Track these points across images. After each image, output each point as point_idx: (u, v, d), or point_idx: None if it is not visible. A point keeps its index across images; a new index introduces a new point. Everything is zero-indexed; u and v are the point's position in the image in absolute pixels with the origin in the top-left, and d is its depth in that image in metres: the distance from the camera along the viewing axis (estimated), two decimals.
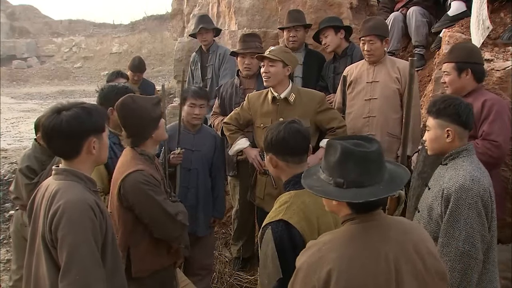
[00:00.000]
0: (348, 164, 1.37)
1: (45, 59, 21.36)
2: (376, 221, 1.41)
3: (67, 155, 1.73)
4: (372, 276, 1.33)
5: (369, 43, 3.13)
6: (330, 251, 1.38)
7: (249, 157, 3.07)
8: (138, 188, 2.13)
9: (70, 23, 23.96)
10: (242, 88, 3.56)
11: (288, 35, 3.86)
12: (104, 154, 1.80)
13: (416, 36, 4.05)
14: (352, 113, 3.22)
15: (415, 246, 1.40)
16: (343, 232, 1.43)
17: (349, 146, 1.38)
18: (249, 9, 5.11)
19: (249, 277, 3.56)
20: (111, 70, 4.61)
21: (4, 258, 4.18)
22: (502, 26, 3.44)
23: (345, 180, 1.37)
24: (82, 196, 1.65)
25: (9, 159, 7.46)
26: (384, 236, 1.39)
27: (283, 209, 1.74)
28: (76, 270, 1.56)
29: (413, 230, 1.47)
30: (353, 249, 1.37)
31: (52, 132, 1.67)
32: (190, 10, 7.18)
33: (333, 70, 3.71)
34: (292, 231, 1.68)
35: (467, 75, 2.58)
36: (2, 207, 5.37)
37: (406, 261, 1.37)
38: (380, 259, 1.35)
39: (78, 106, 1.72)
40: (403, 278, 1.35)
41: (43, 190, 1.75)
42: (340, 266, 1.34)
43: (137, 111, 2.20)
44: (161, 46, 20.23)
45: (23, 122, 11.15)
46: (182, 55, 6.32)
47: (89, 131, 1.70)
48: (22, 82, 19.00)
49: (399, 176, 1.43)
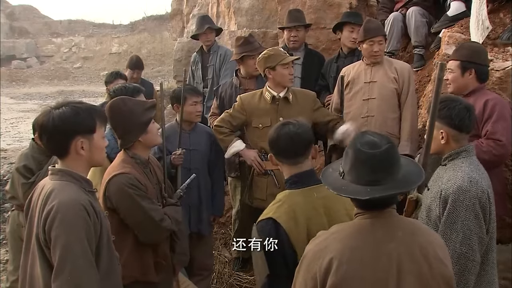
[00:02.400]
0: (356, 161, 1.42)
1: (44, 59, 21.36)
2: (385, 218, 1.44)
3: (57, 153, 1.74)
4: (371, 270, 1.36)
5: (379, 44, 3.13)
6: (335, 241, 1.43)
7: (247, 159, 3.01)
8: (122, 191, 2.12)
9: (70, 23, 23.97)
10: (242, 88, 3.54)
11: (289, 34, 3.85)
12: (98, 155, 1.77)
13: (415, 36, 4.05)
14: (350, 113, 3.21)
15: (422, 249, 1.40)
16: (351, 224, 1.48)
17: (359, 144, 1.42)
18: (248, 9, 5.11)
19: (248, 277, 3.56)
20: (111, 71, 4.59)
21: (4, 258, 4.18)
22: (502, 26, 3.44)
23: (344, 171, 1.44)
24: (76, 196, 1.64)
25: (9, 159, 7.46)
26: (390, 234, 1.41)
27: (274, 207, 1.79)
28: (68, 271, 1.55)
29: (423, 233, 1.47)
30: (357, 241, 1.40)
31: (41, 130, 1.69)
32: (190, 10, 7.19)
33: (336, 69, 3.67)
34: (279, 229, 1.72)
35: (471, 74, 2.57)
36: (2, 207, 5.37)
37: (411, 262, 1.37)
38: (381, 255, 1.37)
39: (68, 105, 1.70)
40: (405, 278, 1.36)
41: (39, 190, 1.75)
42: (342, 256, 1.37)
43: (124, 113, 2.19)
44: (160, 46, 20.25)
45: (23, 123, 11.15)
46: (182, 55, 6.32)
47: (75, 131, 1.67)
48: (22, 82, 19.00)
49: (411, 178, 1.44)
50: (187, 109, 3.04)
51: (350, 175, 1.42)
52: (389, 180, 1.39)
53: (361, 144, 1.41)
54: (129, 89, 2.72)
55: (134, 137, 2.21)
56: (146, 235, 2.20)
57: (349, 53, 3.69)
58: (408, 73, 3.16)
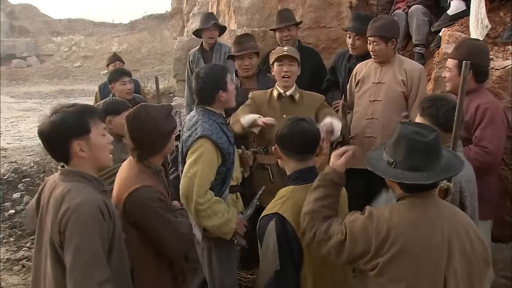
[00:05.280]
0: (400, 147, 1.53)
1: (44, 58, 21.33)
2: (432, 199, 1.56)
3: (60, 159, 1.75)
4: (428, 245, 1.46)
5: (373, 44, 3.10)
6: (390, 214, 1.52)
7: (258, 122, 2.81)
8: (147, 206, 1.98)
9: (70, 22, 23.93)
10: (243, 88, 3.53)
11: (281, 35, 3.85)
12: (101, 154, 1.75)
13: (417, 35, 4.05)
14: (358, 113, 3.21)
15: (465, 228, 1.53)
16: (402, 204, 1.57)
17: (406, 131, 1.54)
18: (248, 8, 5.10)
19: (249, 276, 3.56)
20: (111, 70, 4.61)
21: (4, 258, 4.18)
22: (502, 25, 3.44)
23: (395, 161, 1.54)
24: (91, 197, 1.65)
25: (9, 158, 7.46)
26: (439, 213, 1.53)
27: (280, 203, 1.81)
28: (81, 270, 1.56)
29: (462, 215, 1.62)
30: (414, 217, 1.51)
31: (40, 139, 1.71)
32: (190, 9, 7.18)
33: (348, 71, 3.58)
34: (286, 225, 1.74)
35: (468, 75, 2.56)
36: (2, 207, 5.37)
37: (457, 239, 1.49)
38: (436, 231, 1.48)
39: (59, 111, 1.69)
40: (454, 254, 1.47)
41: (49, 190, 1.75)
42: (401, 229, 1.48)
43: (148, 125, 2.04)
44: (160, 45, 20.22)
45: (23, 122, 11.14)
46: (182, 54, 6.31)
47: (68, 136, 1.66)
48: (22, 81, 18.98)
49: (452, 168, 1.56)
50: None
51: (405, 163, 1.51)
52: (437, 165, 1.51)
53: (411, 134, 1.52)
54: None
55: (159, 149, 2.08)
56: (171, 249, 2.07)
57: (360, 57, 3.54)
58: (418, 75, 3.08)
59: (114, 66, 4.84)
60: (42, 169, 6.61)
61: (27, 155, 7.71)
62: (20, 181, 6.23)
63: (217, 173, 2.49)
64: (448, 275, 1.46)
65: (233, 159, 2.58)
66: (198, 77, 2.55)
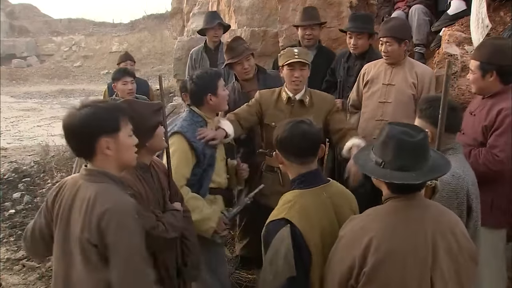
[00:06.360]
0: (389, 147, 1.53)
1: (44, 58, 21.32)
2: (416, 201, 1.56)
3: (84, 155, 1.69)
4: (412, 248, 1.46)
5: (386, 45, 3.09)
6: (373, 221, 1.54)
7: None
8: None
9: (70, 22, 23.92)
10: (244, 91, 3.49)
11: (304, 32, 3.80)
12: (126, 154, 1.70)
13: (417, 35, 4.04)
14: (366, 114, 3.19)
15: (451, 228, 1.53)
16: (386, 206, 1.58)
17: (394, 131, 1.53)
18: (249, 8, 5.10)
19: (249, 276, 3.56)
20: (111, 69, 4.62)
21: (4, 257, 4.17)
22: (502, 25, 3.44)
23: (384, 161, 1.53)
24: (125, 199, 1.63)
25: (9, 158, 7.47)
26: (423, 214, 1.53)
27: (286, 208, 1.75)
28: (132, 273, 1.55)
29: (449, 213, 1.61)
30: (396, 221, 1.52)
31: (66, 132, 1.64)
32: (190, 9, 7.19)
33: (347, 71, 3.59)
34: (294, 230, 1.68)
35: (492, 76, 2.42)
36: (2, 206, 5.37)
37: (442, 239, 1.49)
38: (420, 234, 1.48)
39: (91, 105, 1.65)
40: (439, 254, 1.47)
41: (70, 190, 1.68)
42: (383, 235, 1.48)
43: (133, 118, 2.00)
44: (160, 45, 20.20)
45: (23, 121, 11.15)
46: (182, 54, 6.31)
47: (99, 131, 1.62)
48: (22, 81, 18.97)
49: (439, 168, 1.56)
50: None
51: (393, 163, 1.51)
52: (425, 165, 1.52)
53: (400, 134, 1.52)
54: (210, 73, 2.64)
55: (141, 144, 2.00)
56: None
57: (359, 55, 3.58)
58: (429, 79, 3.07)
59: (126, 65, 4.80)
60: (42, 169, 6.61)
61: (27, 155, 7.72)
62: (20, 181, 6.22)
63: (193, 174, 2.53)
64: (434, 275, 1.46)
65: (211, 162, 2.60)
66: (191, 79, 2.65)
